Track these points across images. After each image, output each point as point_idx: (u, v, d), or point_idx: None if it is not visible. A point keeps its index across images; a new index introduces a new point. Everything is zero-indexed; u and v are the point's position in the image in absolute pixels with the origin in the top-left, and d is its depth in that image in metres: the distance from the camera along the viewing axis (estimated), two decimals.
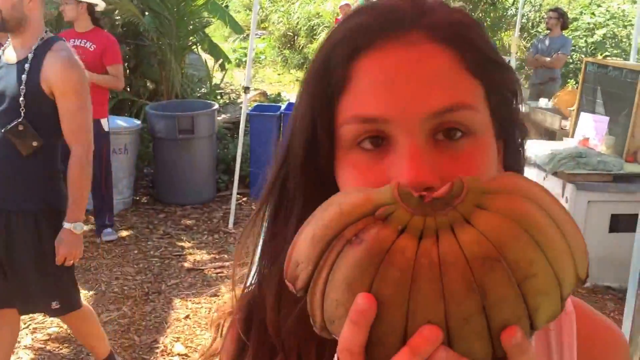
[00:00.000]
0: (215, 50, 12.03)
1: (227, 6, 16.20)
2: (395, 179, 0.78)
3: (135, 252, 7.27)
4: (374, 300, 0.68)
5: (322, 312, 0.74)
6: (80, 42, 7.05)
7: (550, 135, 8.95)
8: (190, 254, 7.24)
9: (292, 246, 0.76)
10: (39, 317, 5.74)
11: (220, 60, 12.45)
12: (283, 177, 1.01)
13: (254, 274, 1.09)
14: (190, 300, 6.25)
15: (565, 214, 0.73)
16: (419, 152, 0.82)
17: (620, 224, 6.45)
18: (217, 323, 1.15)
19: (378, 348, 0.70)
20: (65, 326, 5.40)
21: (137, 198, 8.87)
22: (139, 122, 8.81)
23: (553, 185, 6.73)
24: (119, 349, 5.46)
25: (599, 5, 17.02)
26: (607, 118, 7.24)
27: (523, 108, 1.01)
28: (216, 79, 13.31)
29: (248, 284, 1.11)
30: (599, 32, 15.87)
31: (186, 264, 7.00)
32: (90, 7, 7.18)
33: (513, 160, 1.00)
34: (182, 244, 7.53)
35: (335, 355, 0.75)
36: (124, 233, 7.76)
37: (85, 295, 6.17)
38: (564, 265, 0.70)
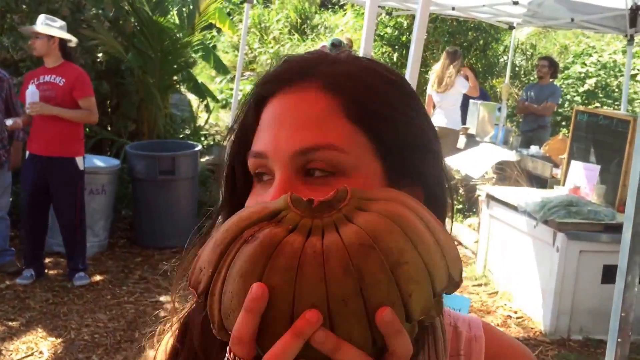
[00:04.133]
0: (200, 91, 11.89)
1: (214, 46, 16.11)
2: None
3: (109, 297, 7.01)
4: (265, 288, 0.74)
5: (220, 310, 0.79)
6: (50, 78, 6.90)
7: (541, 183, 8.85)
8: (168, 301, 6.96)
9: (197, 257, 0.84)
10: None
11: (206, 101, 12.31)
12: (219, 208, 1.13)
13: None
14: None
15: (441, 227, 0.83)
16: (287, 183, 0.94)
17: (613, 275, 6.21)
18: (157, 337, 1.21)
19: (268, 334, 0.75)
20: None
21: (114, 241, 8.62)
22: (117, 161, 8.62)
23: (543, 233, 6.67)
24: None
25: (590, 55, 17.06)
26: (598, 167, 7.21)
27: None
28: (201, 120, 13.17)
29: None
30: (590, 82, 15.88)
31: (162, 312, 6.72)
32: (62, 42, 7.00)
33: (431, 206, 0.95)
34: (159, 289, 7.26)
35: (227, 348, 0.80)
36: (98, 277, 7.51)
37: (52, 342, 5.99)
38: (434, 261, 0.78)
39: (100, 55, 9.68)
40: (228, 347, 0.79)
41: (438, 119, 10.62)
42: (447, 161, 10.18)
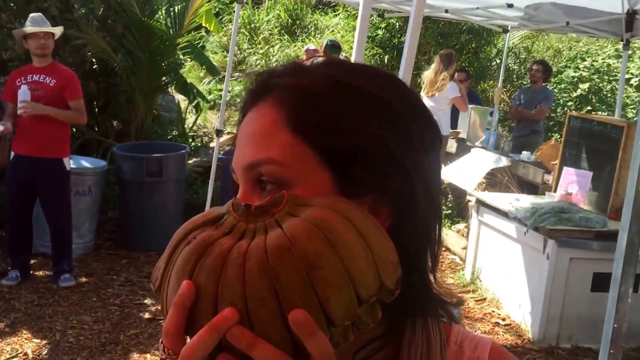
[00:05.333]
0: (189, 92, 11.81)
1: (203, 47, 16.03)
2: None
3: (94, 299, 6.93)
4: (192, 285, 0.80)
5: (165, 301, 0.85)
6: (39, 78, 6.83)
7: (532, 189, 8.80)
8: (153, 303, 6.91)
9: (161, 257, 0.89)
10: None
11: (195, 102, 12.25)
12: None
13: None
14: (149, 353, 5.94)
15: (379, 233, 0.85)
16: (245, 194, 0.98)
17: (603, 283, 6.24)
18: None
19: (196, 328, 0.79)
20: None
21: (100, 242, 8.54)
22: (104, 162, 8.54)
23: (534, 240, 6.62)
24: None
25: (583, 59, 17.04)
26: (591, 173, 7.14)
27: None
28: (189, 121, 13.11)
29: None
30: (583, 87, 15.86)
31: (147, 314, 6.67)
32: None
33: (402, 223, 1.00)
34: (145, 292, 7.19)
35: (160, 340, 0.85)
36: (83, 279, 7.43)
37: (37, 344, 5.93)
38: (358, 267, 0.79)
39: (88, 55, 9.59)
40: (160, 339, 0.84)
41: None
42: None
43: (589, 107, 15.45)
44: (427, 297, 1.05)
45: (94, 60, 9.86)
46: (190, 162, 10.16)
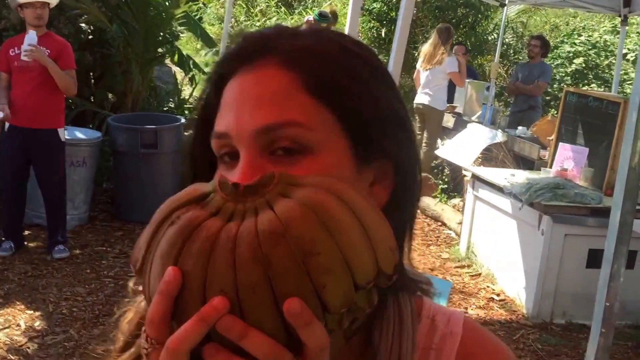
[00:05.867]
0: (185, 63, 11.76)
1: (200, 18, 15.97)
2: None
3: (88, 271, 6.91)
4: (178, 272, 0.75)
5: (148, 285, 0.79)
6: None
7: (528, 164, 8.82)
8: None
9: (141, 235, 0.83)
10: None
11: (191, 74, 12.19)
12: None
13: None
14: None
15: (376, 216, 0.81)
16: (252, 162, 0.91)
17: (598, 259, 6.22)
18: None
19: (182, 317, 0.75)
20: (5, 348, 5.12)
21: (94, 214, 8.51)
22: (99, 134, 8.49)
23: (529, 216, 6.64)
24: None
25: (580, 35, 17.00)
26: (587, 149, 7.15)
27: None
28: (186, 93, 13.05)
29: None
30: (577, 61, 15.83)
31: (141, 287, 6.62)
32: None
33: (404, 185, 1.02)
34: None
35: (143, 329, 0.80)
36: (77, 251, 7.40)
37: (30, 315, 5.92)
38: (355, 252, 0.75)
39: (83, 25, 9.51)
40: (143, 328, 0.80)
41: (422, 97, 10.54)
42: (437, 151, 10.17)
43: (587, 82, 15.44)
44: (401, 272, 1.01)
45: (89, 30, 9.78)
46: (186, 133, 10.12)
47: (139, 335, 1.01)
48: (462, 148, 9.30)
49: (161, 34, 10.55)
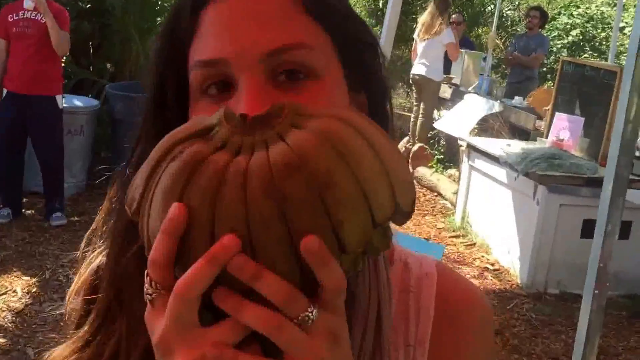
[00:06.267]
0: None
1: None
2: None
3: None
4: (184, 209, 0.69)
5: (147, 231, 0.74)
6: (31, 15, 6.78)
7: (524, 135, 8.82)
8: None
9: (137, 174, 0.78)
10: None
11: None
12: (137, 136, 1.01)
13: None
14: None
15: (392, 148, 0.75)
16: (258, 89, 0.83)
17: (592, 229, 6.23)
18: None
19: (189, 259, 0.70)
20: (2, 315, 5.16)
21: (92, 182, 8.48)
22: (97, 102, 8.50)
23: (524, 186, 6.64)
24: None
25: (577, 7, 16.96)
26: (582, 119, 7.14)
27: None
28: None
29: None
30: (574, 33, 15.81)
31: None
32: None
33: (376, 117, 0.91)
34: None
35: (145, 272, 0.75)
36: (75, 218, 7.43)
37: (27, 282, 5.95)
38: (374, 185, 0.71)
39: None
40: (146, 271, 0.74)
41: (419, 68, 10.52)
42: (434, 124, 10.19)
43: (583, 54, 15.43)
44: None
45: None
46: None
47: (90, 308, 0.99)
48: (459, 119, 9.31)
49: (159, 2, 10.49)
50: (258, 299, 0.69)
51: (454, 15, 11.55)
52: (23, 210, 7.42)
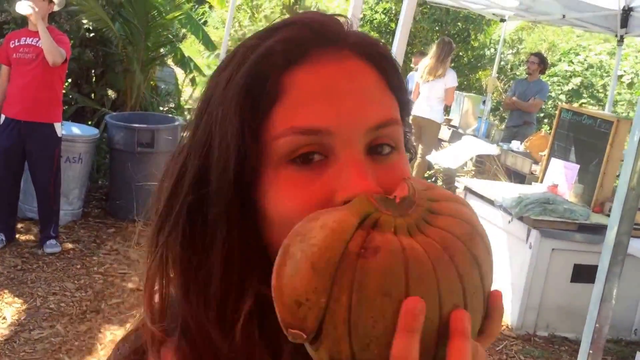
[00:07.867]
0: (186, 64, 11.79)
1: (205, 22, 16.01)
2: (342, 191, 0.81)
3: (78, 267, 6.92)
4: (422, 301, 0.67)
5: (351, 342, 0.69)
6: (32, 41, 6.80)
7: (520, 178, 8.86)
8: (136, 273, 6.91)
9: (278, 288, 0.72)
10: None
11: (192, 75, 12.22)
12: (191, 198, 0.90)
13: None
14: (129, 323, 5.88)
15: (489, 258, 0.78)
16: (363, 163, 0.84)
17: (582, 274, 6.37)
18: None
19: (421, 350, 0.68)
20: None
21: (88, 210, 8.53)
22: (96, 130, 8.51)
23: (518, 229, 6.66)
24: None
25: (577, 54, 17.08)
26: (578, 166, 7.20)
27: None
28: (186, 94, 13.06)
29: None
30: (575, 81, 15.92)
31: (130, 284, 6.67)
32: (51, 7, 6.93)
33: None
34: (129, 262, 7.19)
35: None
36: (69, 246, 7.41)
37: (17, 309, 5.92)
38: (485, 291, 0.76)
39: (85, 22, 9.55)
40: None
41: (421, 109, 10.56)
42: (428, 157, 10.23)
43: (581, 101, 15.52)
44: None
45: (90, 28, 9.81)
46: (183, 135, 10.14)
47: None
48: (454, 154, 9.36)
49: (163, 34, 10.57)
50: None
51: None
52: (17, 236, 7.40)
